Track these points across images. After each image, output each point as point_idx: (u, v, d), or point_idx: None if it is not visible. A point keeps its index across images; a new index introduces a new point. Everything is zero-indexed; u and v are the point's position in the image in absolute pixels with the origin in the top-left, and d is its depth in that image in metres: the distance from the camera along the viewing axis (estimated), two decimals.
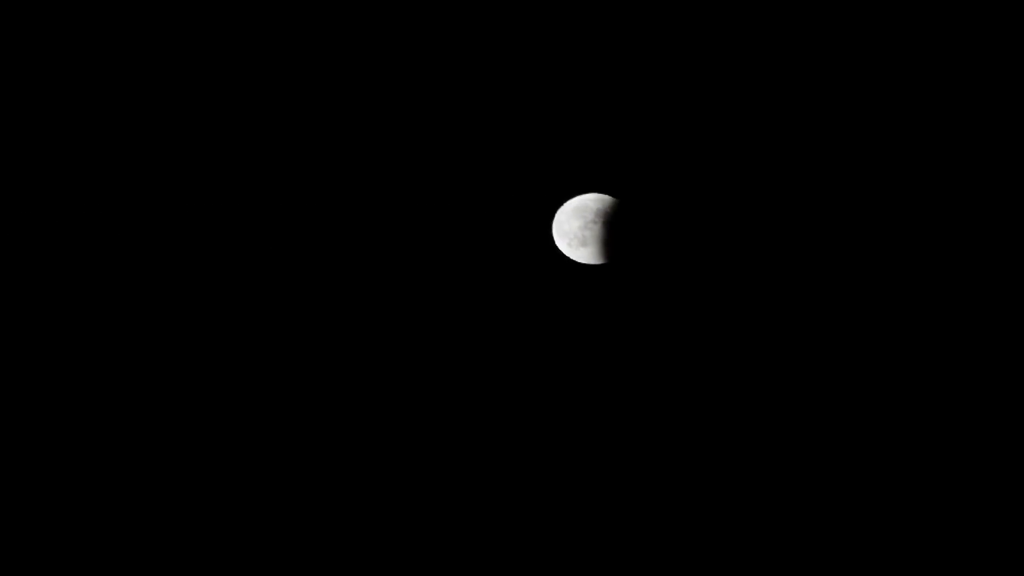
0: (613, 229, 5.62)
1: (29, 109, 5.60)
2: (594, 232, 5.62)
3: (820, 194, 5.60)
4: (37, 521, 5.54)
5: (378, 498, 5.63)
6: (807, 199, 5.61)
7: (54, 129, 5.62)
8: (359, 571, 5.58)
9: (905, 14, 5.50)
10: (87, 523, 5.56)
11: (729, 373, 5.63)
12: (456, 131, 5.68)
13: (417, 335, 5.69)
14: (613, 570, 5.56)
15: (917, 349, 5.56)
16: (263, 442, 5.65)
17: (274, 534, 5.60)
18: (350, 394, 5.67)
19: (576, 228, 5.63)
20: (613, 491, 5.63)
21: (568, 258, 5.67)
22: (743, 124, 5.61)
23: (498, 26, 5.64)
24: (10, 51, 5.56)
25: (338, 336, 5.68)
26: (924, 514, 5.49)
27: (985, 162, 5.53)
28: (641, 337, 5.67)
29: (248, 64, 5.65)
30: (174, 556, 5.56)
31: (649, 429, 5.65)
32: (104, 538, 5.55)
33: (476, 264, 5.70)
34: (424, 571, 5.57)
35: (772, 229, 5.63)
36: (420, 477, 5.65)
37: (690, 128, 5.63)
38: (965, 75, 5.51)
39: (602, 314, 5.68)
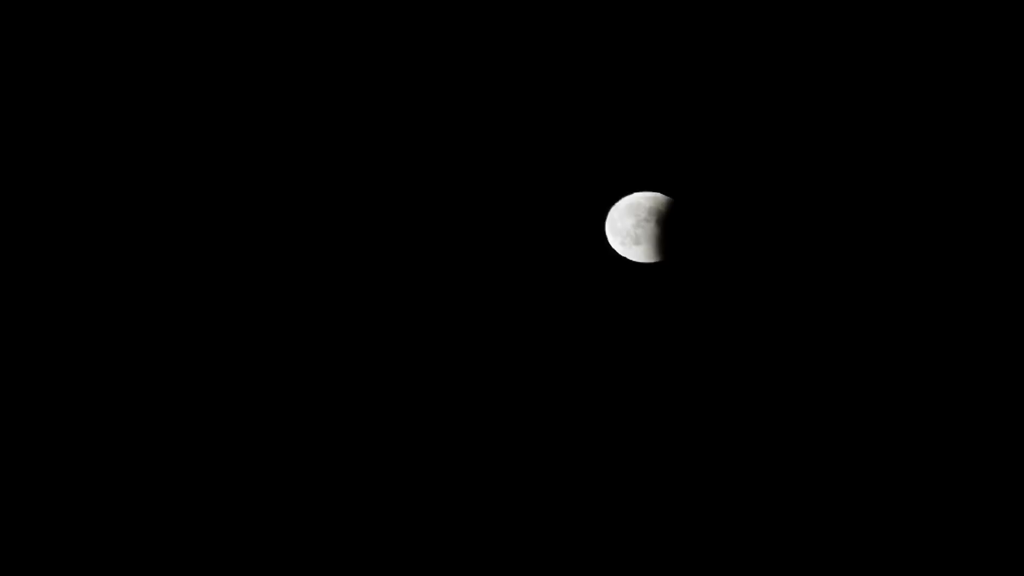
0: (666, 227, 5.60)
1: (29, 109, 5.67)
2: (647, 230, 5.61)
3: (876, 194, 5.52)
4: (37, 521, 5.64)
5: (437, 489, 5.76)
6: (861, 199, 5.53)
7: (54, 130, 5.68)
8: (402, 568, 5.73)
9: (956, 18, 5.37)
10: (87, 523, 5.65)
11: (783, 371, 5.61)
12: (511, 130, 5.69)
13: (472, 332, 5.76)
14: (669, 558, 5.64)
15: (963, 350, 5.49)
16: (304, 442, 5.80)
17: (307, 532, 5.77)
18: (404, 390, 5.78)
19: (629, 226, 5.62)
20: (666, 486, 5.68)
21: (621, 256, 5.68)
22: (797, 123, 5.54)
23: (553, 25, 5.61)
24: (10, 51, 5.62)
25: (395, 332, 5.78)
26: (939, 516, 5.47)
27: None
28: (694, 335, 5.68)
29: (302, 66, 5.72)
30: (174, 556, 5.69)
31: (701, 427, 5.67)
32: (104, 538, 5.65)
33: (530, 261, 5.74)
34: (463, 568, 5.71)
35: (825, 228, 5.56)
36: (472, 472, 5.75)
37: (741, 126, 5.57)
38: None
39: (655, 312, 5.70)
